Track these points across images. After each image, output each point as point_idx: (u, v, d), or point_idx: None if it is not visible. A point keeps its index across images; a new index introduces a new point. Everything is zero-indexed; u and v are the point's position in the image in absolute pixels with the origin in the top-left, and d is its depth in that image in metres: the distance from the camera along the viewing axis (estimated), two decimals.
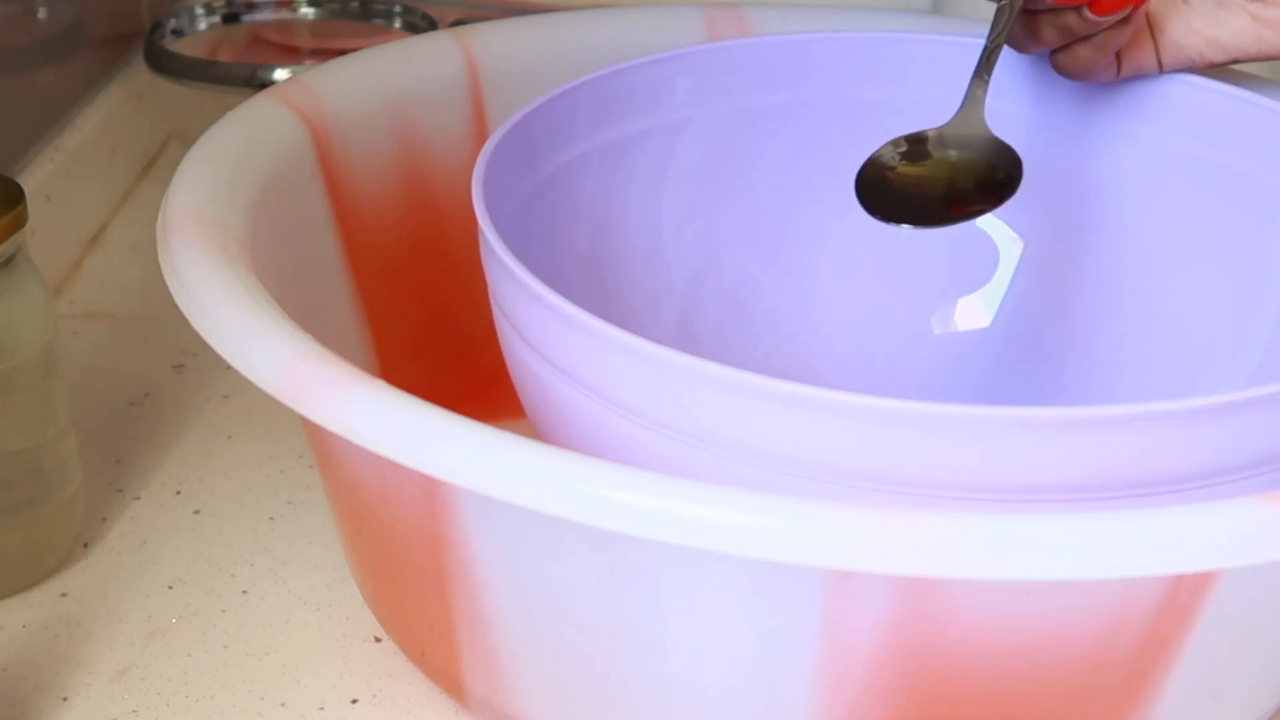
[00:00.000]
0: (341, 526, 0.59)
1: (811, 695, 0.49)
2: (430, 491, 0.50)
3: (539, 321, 0.53)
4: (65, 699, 0.58)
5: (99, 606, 0.62)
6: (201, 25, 0.95)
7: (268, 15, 0.97)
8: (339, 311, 0.66)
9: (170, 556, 0.65)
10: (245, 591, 0.63)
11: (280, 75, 0.85)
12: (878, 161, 0.59)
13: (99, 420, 0.72)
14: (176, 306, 0.53)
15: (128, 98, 0.90)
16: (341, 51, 0.71)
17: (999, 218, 0.69)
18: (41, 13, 0.85)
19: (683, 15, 0.72)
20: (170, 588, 0.63)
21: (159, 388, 0.74)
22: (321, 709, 0.58)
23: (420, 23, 0.95)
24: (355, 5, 0.97)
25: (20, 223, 0.59)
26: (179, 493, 0.68)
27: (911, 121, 0.61)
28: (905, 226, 0.56)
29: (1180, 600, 0.47)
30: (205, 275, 0.53)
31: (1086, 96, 0.66)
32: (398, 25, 0.96)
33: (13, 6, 0.83)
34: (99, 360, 0.76)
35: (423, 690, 0.58)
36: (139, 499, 0.68)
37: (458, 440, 0.46)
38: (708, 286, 0.69)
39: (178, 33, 0.93)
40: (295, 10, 0.97)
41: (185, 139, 0.91)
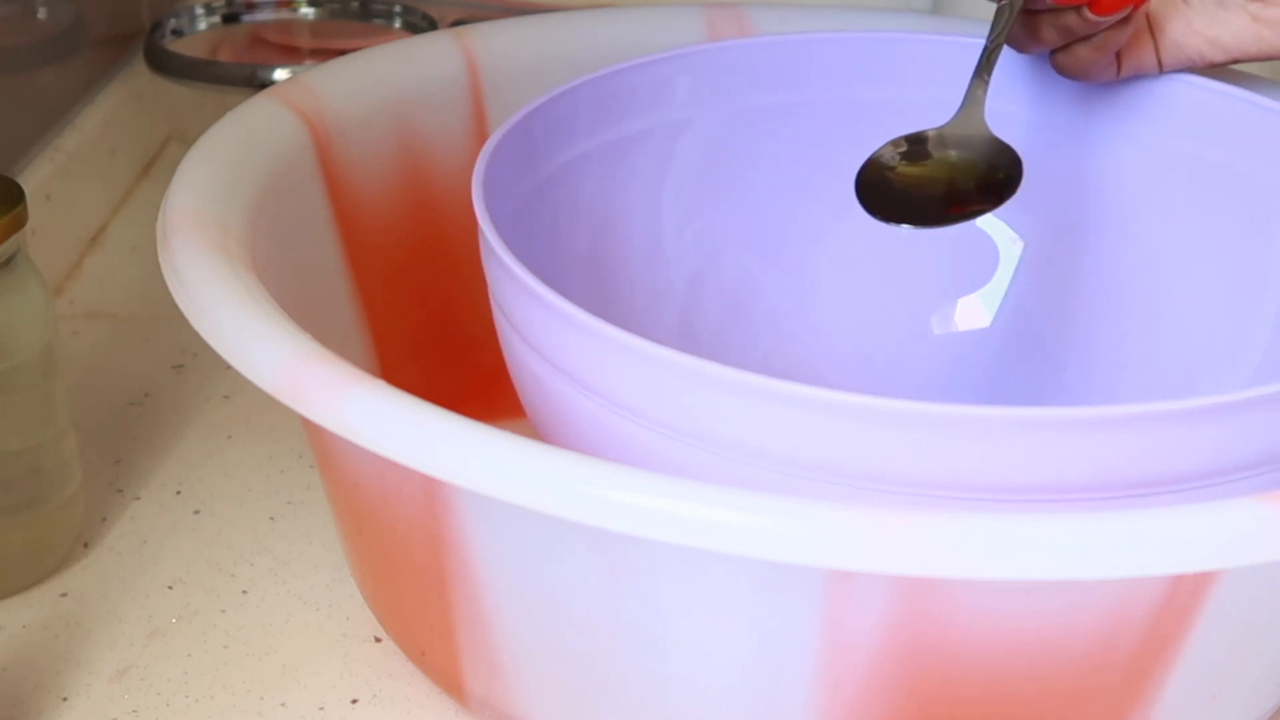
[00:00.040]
0: (341, 526, 0.59)
1: (811, 695, 0.49)
2: (430, 491, 0.50)
3: (539, 321, 0.53)
4: (65, 699, 0.58)
5: (99, 606, 0.62)
6: (201, 25, 0.95)
7: (268, 15, 0.97)
8: (339, 311, 0.66)
9: (170, 556, 0.65)
10: (245, 591, 0.63)
11: (280, 75, 0.85)
12: (877, 161, 0.59)
13: (99, 420, 0.72)
14: (176, 306, 0.53)
15: (128, 98, 0.90)
16: (341, 51, 0.71)
17: (999, 218, 0.69)
18: (41, 13, 0.85)
19: (683, 15, 0.72)
20: (170, 588, 0.63)
21: (159, 388, 0.74)
22: (321, 709, 0.58)
23: (420, 23, 0.95)
24: (355, 5, 0.97)
25: (20, 223, 0.59)
26: (179, 493, 0.68)
27: (911, 121, 0.61)
28: (905, 227, 0.56)
29: (1180, 600, 0.47)
30: (205, 275, 0.53)
31: (1086, 96, 0.66)
32: (398, 25, 0.96)
33: (13, 6, 0.83)
34: (99, 360, 0.76)
35: (423, 690, 0.58)
36: (139, 499, 0.68)
37: (458, 440, 0.46)
38: (708, 286, 0.69)
39: (178, 33, 0.93)
40: (295, 10, 0.97)
41: (185, 139, 0.91)
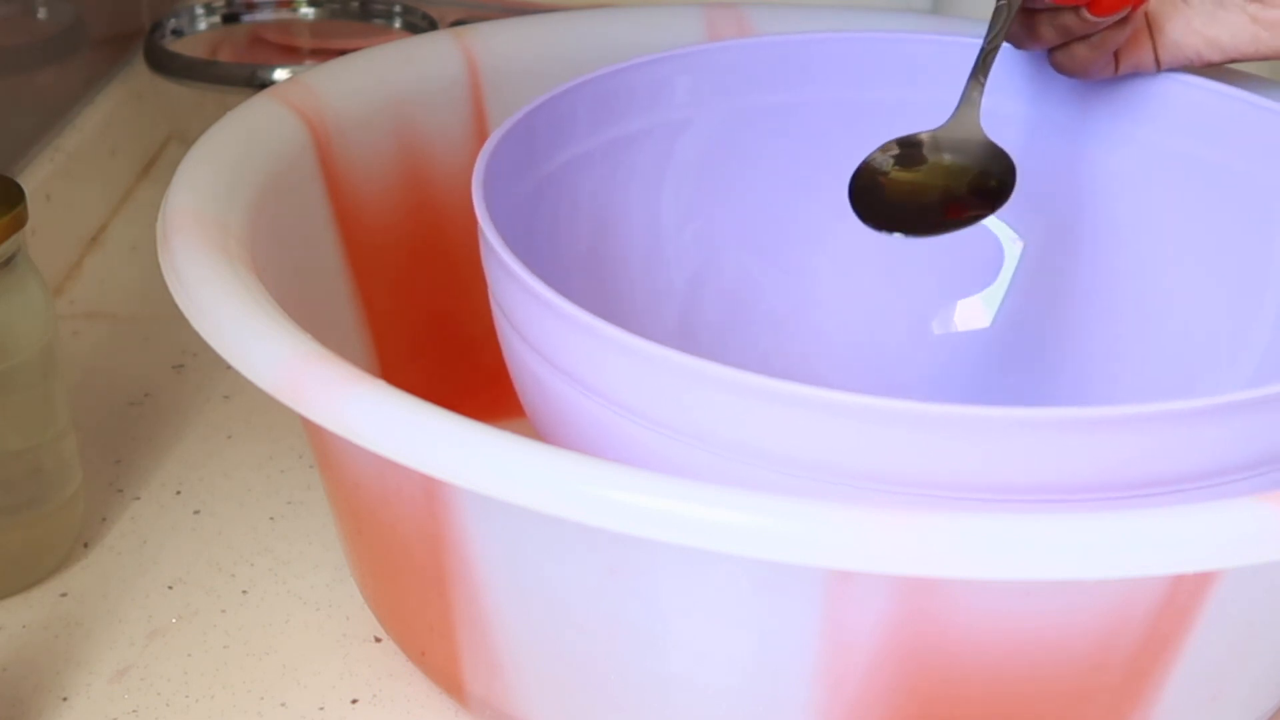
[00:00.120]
0: (341, 526, 0.59)
1: (811, 695, 0.49)
2: (430, 491, 0.50)
3: (539, 321, 0.53)
4: (65, 699, 0.58)
5: (99, 606, 0.62)
6: (201, 25, 0.95)
7: (268, 15, 0.97)
8: (339, 311, 0.66)
9: (170, 556, 0.65)
10: (245, 591, 0.63)
11: (280, 75, 0.85)
12: (871, 166, 0.59)
13: (99, 420, 0.72)
14: (176, 306, 0.53)
15: (128, 98, 0.90)
16: (341, 51, 0.71)
17: (999, 218, 0.69)
18: (41, 13, 0.85)
19: (683, 15, 0.72)
20: (170, 588, 0.63)
21: (159, 388, 0.74)
22: (321, 709, 0.58)
23: (420, 23, 0.95)
24: (355, 5, 0.97)
25: (20, 223, 0.59)
26: (179, 493, 0.68)
27: (911, 122, 0.61)
28: (898, 235, 0.56)
29: (1180, 600, 0.47)
30: (205, 275, 0.53)
31: (1084, 95, 0.66)
32: (398, 25, 0.96)
33: (13, 6, 0.83)
34: (99, 360, 0.76)
35: (423, 690, 0.58)
36: (139, 499, 0.68)
37: (458, 440, 0.46)
38: (708, 286, 0.69)
39: (178, 33, 0.93)
40: (295, 10, 0.97)
41: (185, 139, 0.91)
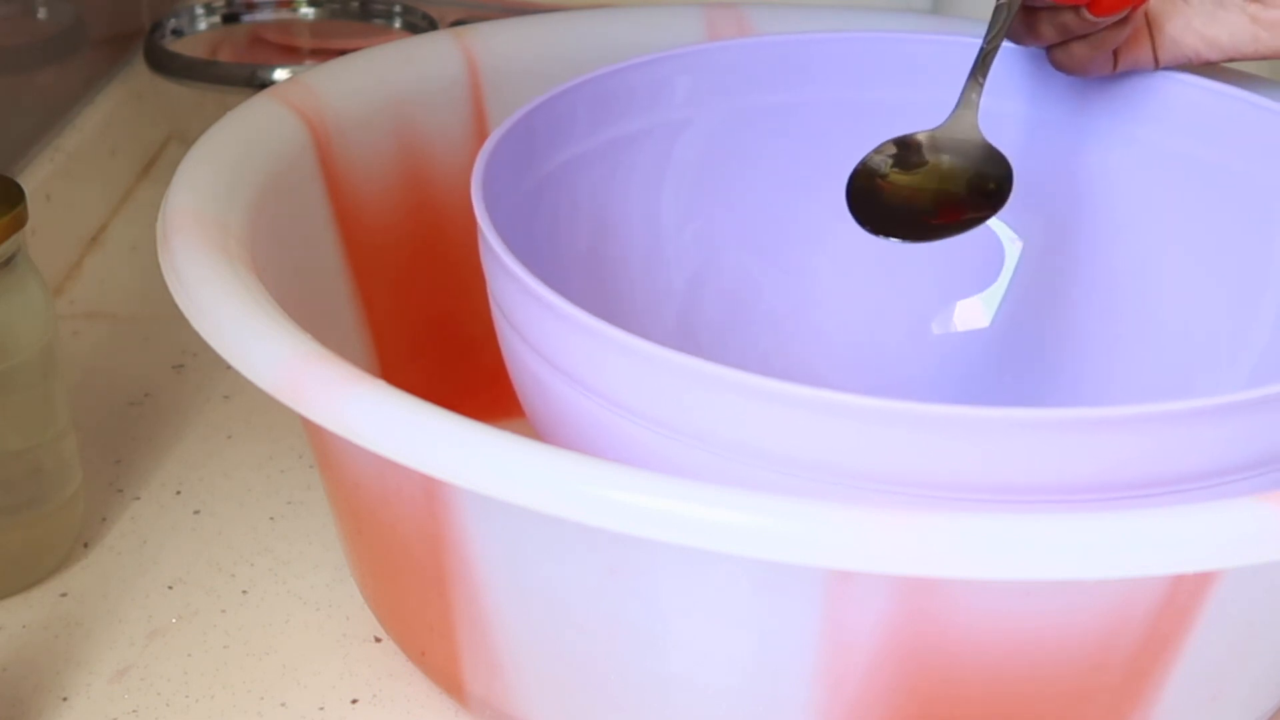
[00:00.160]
0: (341, 526, 0.59)
1: (811, 695, 0.49)
2: (430, 491, 0.50)
3: (539, 321, 0.53)
4: (65, 699, 0.58)
5: (99, 606, 0.62)
6: (201, 25, 0.95)
7: (268, 15, 0.97)
8: (339, 311, 0.66)
9: (170, 556, 0.65)
10: (245, 591, 0.63)
11: (280, 75, 0.85)
12: (868, 168, 0.59)
13: (99, 420, 0.72)
14: (176, 306, 0.53)
15: (128, 98, 0.90)
16: (341, 51, 0.71)
17: (998, 218, 0.69)
18: (41, 13, 0.85)
19: (683, 15, 0.72)
20: (170, 588, 0.63)
21: (159, 388, 0.74)
22: (321, 709, 0.58)
23: (420, 23, 0.95)
24: (355, 5, 0.97)
25: (20, 223, 0.59)
26: (179, 493, 0.68)
27: (911, 122, 0.61)
28: (895, 240, 0.56)
29: (1180, 600, 0.47)
30: (205, 275, 0.53)
31: (1083, 94, 0.66)
32: (398, 25, 0.96)
33: (13, 6, 0.83)
34: (99, 360, 0.76)
35: (423, 690, 0.58)
36: (139, 499, 0.68)
37: (458, 440, 0.46)
38: (708, 286, 0.69)
39: (178, 33, 0.93)
40: (295, 10, 0.97)
41: (185, 139, 0.91)
